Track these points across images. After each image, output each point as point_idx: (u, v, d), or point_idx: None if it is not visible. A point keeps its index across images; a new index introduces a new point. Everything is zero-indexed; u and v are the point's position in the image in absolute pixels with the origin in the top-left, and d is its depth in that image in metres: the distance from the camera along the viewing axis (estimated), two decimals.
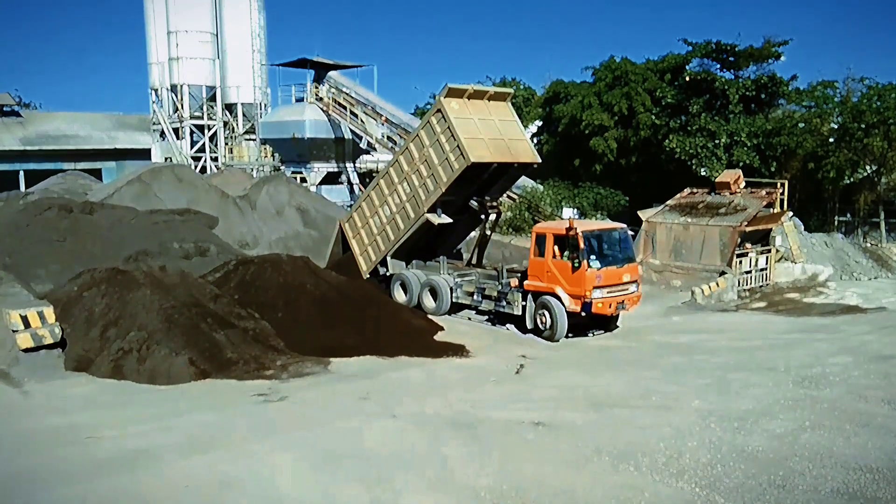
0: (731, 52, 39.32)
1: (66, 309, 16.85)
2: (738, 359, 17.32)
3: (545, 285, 19.38)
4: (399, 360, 17.02)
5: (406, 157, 22.55)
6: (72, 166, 46.43)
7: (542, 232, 19.97)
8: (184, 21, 51.09)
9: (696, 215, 29.47)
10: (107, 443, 11.54)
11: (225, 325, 16.81)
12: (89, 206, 25.58)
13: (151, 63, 54.96)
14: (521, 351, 18.18)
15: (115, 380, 14.90)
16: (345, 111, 44.04)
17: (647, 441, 11.51)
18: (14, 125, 54.70)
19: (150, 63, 55.06)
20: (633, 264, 19.90)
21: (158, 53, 53.76)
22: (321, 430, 12.18)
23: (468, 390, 14.64)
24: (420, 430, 12.23)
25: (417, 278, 22.86)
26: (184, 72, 51.65)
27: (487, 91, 22.46)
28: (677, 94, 39.67)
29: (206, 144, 52.90)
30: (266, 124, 48.37)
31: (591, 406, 13.48)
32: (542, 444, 11.54)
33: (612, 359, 17.70)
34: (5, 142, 52.03)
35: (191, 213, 27.30)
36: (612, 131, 40.73)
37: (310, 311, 18.86)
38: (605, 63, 43.84)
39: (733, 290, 25.97)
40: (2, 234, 22.98)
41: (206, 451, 11.19)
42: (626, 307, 19.60)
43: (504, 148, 21.67)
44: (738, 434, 11.81)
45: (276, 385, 14.69)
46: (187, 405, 13.56)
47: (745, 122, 37.56)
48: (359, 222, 24.35)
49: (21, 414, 13.10)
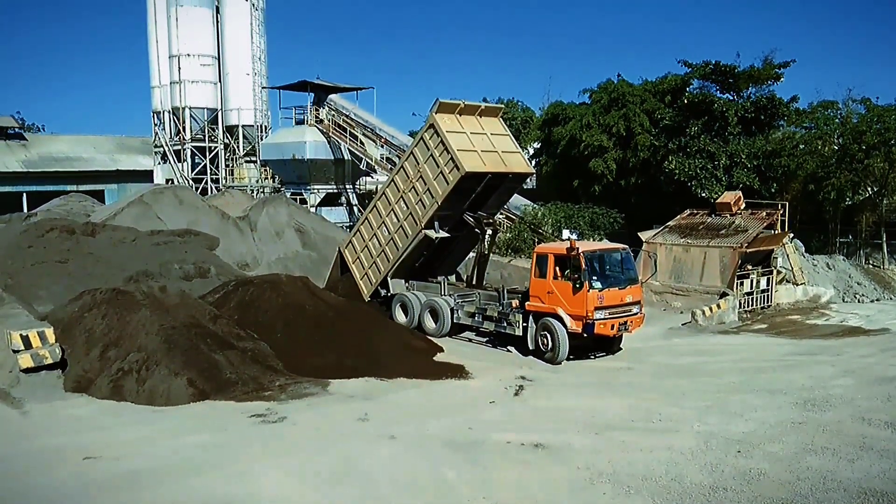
0: (730, 74, 39.42)
1: (66, 329, 16.88)
2: (739, 381, 17.21)
3: (546, 306, 19.25)
4: (398, 382, 16.93)
5: (401, 176, 22.69)
6: (74, 188, 46.65)
7: (543, 252, 19.89)
8: (186, 45, 51.43)
9: (697, 236, 29.47)
10: (105, 464, 11.48)
11: (224, 345, 16.77)
12: (91, 228, 25.71)
13: (154, 86, 55.29)
14: (521, 372, 18.08)
15: (114, 400, 14.85)
16: (344, 133, 44.20)
17: (647, 464, 11.43)
18: (17, 147, 54.92)
19: (153, 86, 55.40)
20: (635, 285, 19.77)
21: (161, 77, 54.11)
22: (320, 452, 12.11)
23: (467, 412, 14.55)
24: (419, 451, 12.17)
25: (418, 299, 22.79)
26: (186, 95, 51.93)
27: (479, 106, 22.63)
28: (676, 115, 39.77)
29: (207, 166, 53.05)
30: (266, 146, 48.54)
31: (591, 428, 13.39)
32: (542, 467, 11.46)
33: (613, 381, 17.59)
34: (8, 164, 52.23)
35: (191, 234, 27.39)
36: (611, 152, 40.83)
37: (309, 332, 18.82)
38: (603, 85, 44.01)
39: (734, 311, 25.88)
40: (4, 256, 23.06)
41: (204, 473, 11.14)
42: (628, 328, 19.43)
43: (497, 159, 21.79)
44: (740, 457, 11.73)
45: (275, 406, 14.61)
46: (186, 426, 13.49)
47: (745, 143, 37.62)
48: (358, 246, 24.39)
49: (20, 434, 13.06)
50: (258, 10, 53.86)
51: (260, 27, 53.90)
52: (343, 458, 11.80)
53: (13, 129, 57.13)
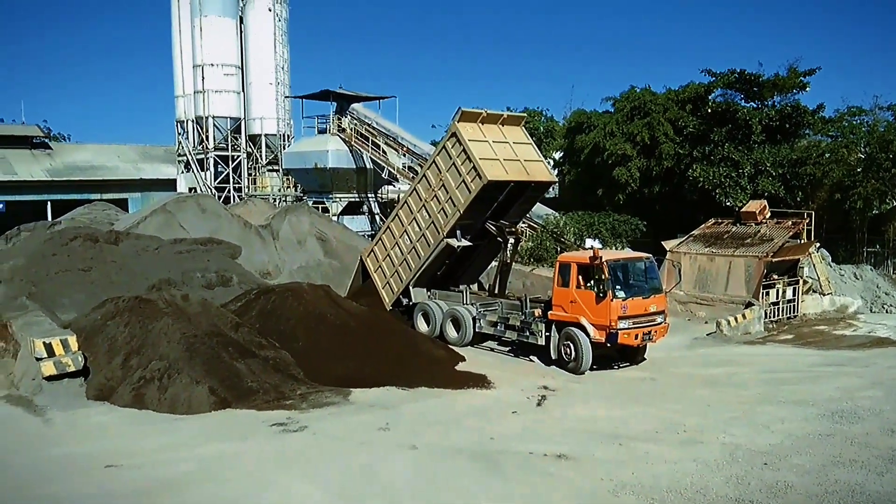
0: (754, 83, 39.10)
1: (89, 337, 17.02)
2: (765, 392, 17.00)
3: (569, 315, 19.08)
4: (419, 391, 16.88)
5: (423, 185, 22.67)
6: (98, 197, 46.85)
7: (566, 261, 19.76)
8: (210, 55, 51.76)
9: (722, 246, 29.19)
10: (126, 472, 11.54)
11: (246, 354, 16.80)
12: (114, 236, 25.84)
13: (178, 96, 55.66)
14: (543, 382, 17.95)
15: (136, 409, 14.93)
16: (366, 142, 44.30)
17: (672, 475, 11.29)
18: (42, 156, 55.43)
19: (177, 96, 55.77)
20: (659, 295, 19.55)
21: (185, 86, 54.48)
22: (340, 461, 12.08)
23: (489, 422, 14.47)
24: (440, 461, 12.09)
25: (440, 308, 22.67)
26: (209, 104, 52.25)
27: (501, 115, 22.58)
28: (700, 123, 39.49)
29: (229, 175, 53.31)
30: (289, 155, 48.74)
31: (614, 439, 13.26)
32: (565, 478, 11.34)
33: (637, 391, 17.43)
34: (34, 172, 52.71)
35: (214, 242, 27.46)
36: (634, 161, 40.57)
37: (330, 341, 18.82)
38: (625, 93, 43.81)
39: (760, 321, 25.58)
40: (28, 264, 23.22)
41: (225, 481, 11.14)
42: (652, 338, 19.23)
43: (520, 168, 21.71)
44: (767, 469, 11.57)
45: (296, 415, 14.61)
46: (207, 434, 13.52)
47: (770, 151, 37.25)
48: (380, 255, 24.36)
49: (43, 442, 13.16)
50: (281, 20, 54.20)
51: (283, 37, 54.22)
52: (364, 468, 11.76)
53: (39, 139, 57.66)
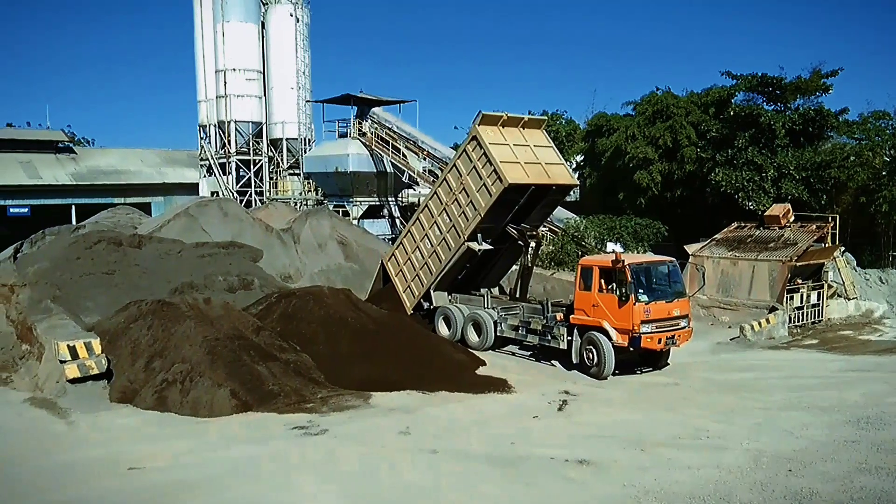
0: (777, 86, 38.81)
1: (112, 340, 17.15)
2: (789, 398, 16.83)
3: (591, 319, 18.92)
4: (440, 395, 16.85)
5: (444, 189, 22.59)
6: (122, 200, 47.33)
7: (588, 265, 19.58)
8: (232, 60, 52.17)
9: (745, 249, 28.97)
10: (149, 474, 11.59)
11: (267, 357, 16.84)
12: (138, 240, 26.03)
13: (200, 100, 56.10)
14: (564, 387, 17.87)
15: (158, 411, 14.99)
16: (387, 146, 44.40)
17: (695, 482, 11.19)
18: (67, 161, 55.95)
19: (199, 100, 56.21)
20: (683, 299, 19.31)
21: (207, 91, 54.89)
22: (361, 465, 12.08)
23: (509, 426, 14.42)
24: (460, 466, 12.06)
25: (461, 312, 22.58)
26: (231, 109, 52.62)
27: (522, 118, 22.46)
28: (722, 127, 39.24)
29: (251, 179, 53.63)
30: (310, 159, 48.98)
31: (636, 445, 13.16)
32: (586, 484, 11.28)
33: (659, 396, 17.31)
34: (58, 177, 53.21)
35: (235, 246, 27.60)
36: (656, 164, 40.38)
37: (351, 344, 18.83)
38: (647, 97, 43.61)
39: (784, 326, 25.34)
40: (53, 267, 23.42)
41: (246, 484, 11.17)
42: (676, 343, 19.02)
43: (541, 171, 21.59)
44: (791, 476, 11.44)
45: (317, 418, 14.62)
46: (228, 437, 13.56)
47: (793, 154, 36.95)
48: (400, 259, 24.27)
49: (66, 445, 13.24)
50: (302, 25, 54.50)
51: (304, 42, 54.53)
52: (384, 472, 11.75)
53: (63, 143, 58.23)
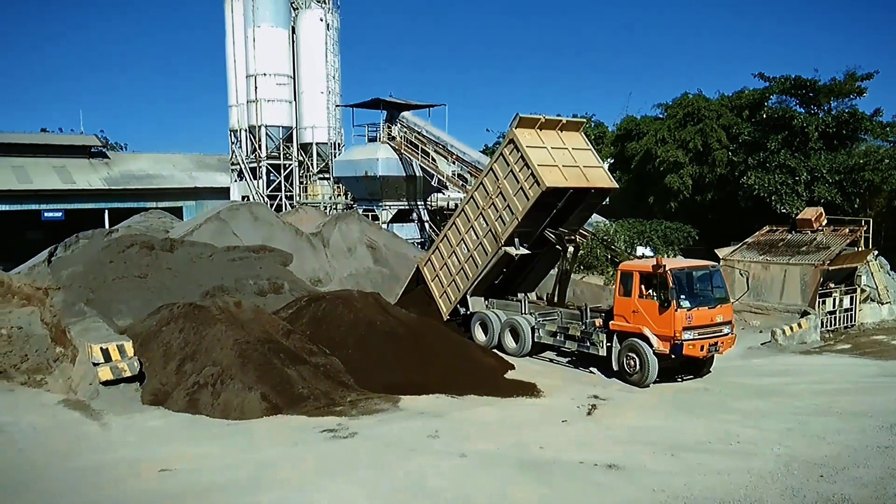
0: (810, 88, 38.42)
1: (144, 343, 17.35)
2: (821, 403, 16.65)
3: (631, 326, 18.57)
4: (469, 399, 16.85)
5: (481, 193, 22.38)
6: (154, 205, 47.75)
7: (628, 270, 19.25)
8: (263, 65, 52.48)
9: (777, 253, 28.69)
10: (180, 476, 11.72)
11: (297, 360, 16.95)
12: (170, 244, 26.35)
13: (231, 105, 56.53)
14: (594, 391, 17.78)
15: (189, 414, 15.14)
16: (416, 150, 44.44)
17: (725, 487, 11.12)
18: (100, 165, 56.66)
19: (230, 105, 56.63)
20: (726, 305, 18.90)
21: (238, 96, 55.30)
22: (390, 468, 12.12)
23: (538, 431, 14.39)
24: (489, 470, 12.06)
25: (498, 318, 22.31)
26: (262, 113, 52.97)
27: (559, 121, 22.16)
28: (754, 130, 38.91)
29: (281, 183, 53.95)
30: (340, 163, 49.15)
31: (666, 449, 13.09)
32: (615, 488, 11.24)
33: (689, 401, 17.17)
34: (92, 181, 53.86)
35: (266, 250, 27.83)
36: (686, 168, 40.12)
37: (380, 348, 18.86)
38: (678, 99, 43.36)
39: (816, 331, 25.05)
40: (86, 271, 23.77)
41: (276, 487, 11.25)
42: (719, 350, 18.63)
43: (579, 174, 21.22)
44: (823, 482, 11.34)
45: (346, 421, 14.70)
46: (258, 440, 13.67)
47: (826, 158, 36.55)
48: (437, 264, 24.00)
49: (99, 446, 13.42)
50: (332, 29, 54.72)
51: (334, 46, 54.74)
52: (413, 475, 11.78)
53: (96, 148, 58.94)
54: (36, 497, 11.01)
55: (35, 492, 11.19)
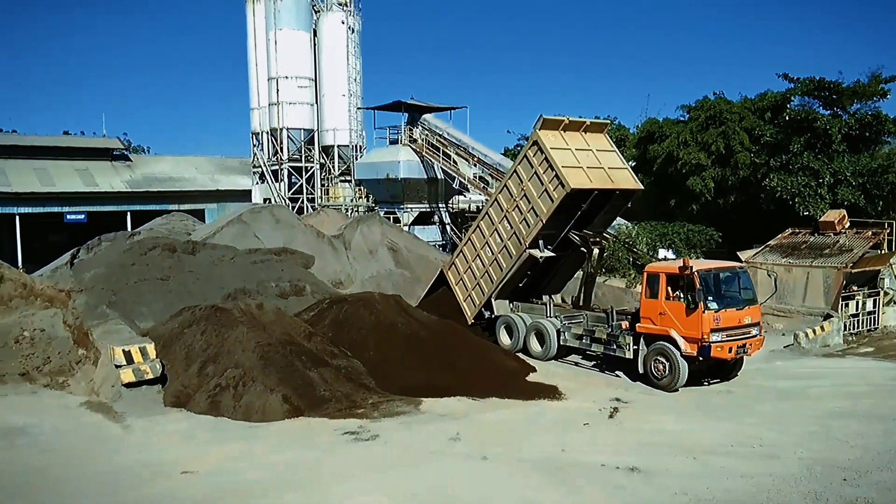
0: (834, 90, 38.14)
1: (167, 345, 17.43)
2: (844, 406, 16.54)
3: (658, 328, 18.36)
4: (490, 401, 16.84)
5: (504, 195, 22.25)
6: (176, 207, 48.02)
7: (654, 271, 18.97)
8: (285, 68, 52.77)
9: (799, 256, 28.53)
10: (202, 478, 11.77)
11: (318, 362, 17.00)
12: (191, 246, 26.48)
13: (253, 108, 56.87)
14: (615, 394, 17.74)
15: (211, 416, 15.20)
16: (437, 152, 44.50)
17: (747, 490, 11.07)
18: (123, 168, 57.16)
19: (252, 108, 56.99)
20: (754, 306, 18.68)
21: (260, 99, 55.62)
22: (411, 471, 12.14)
23: (560, 433, 14.38)
24: (510, 473, 12.07)
25: (523, 321, 22.17)
26: (284, 116, 53.25)
27: (583, 122, 22.01)
28: (777, 132, 38.66)
29: (303, 186, 54.18)
30: (361, 166, 49.30)
31: (688, 452, 13.04)
32: (637, 491, 11.21)
33: (711, 404, 17.11)
34: (114, 184, 54.33)
35: (287, 252, 27.92)
36: (709, 170, 39.95)
37: (401, 350, 18.90)
38: (700, 102, 43.19)
39: (839, 333, 24.87)
40: (109, 273, 23.92)
41: (298, 489, 11.29)
42: (747, 352, 18.40)
43: (604, 176, 21.10)
44: (846, 485, 11.27)
45: (367, 424, 14.73)
46: (280, 442, 13.73)
47: (850, 160, 36.28)
48: (461, 267, 23.86)
49: (121, 448, 13.50)
50: (354, 32, 54.89)
51: (355, 49, 54.90)
52: (434, 478, 11.80)
53: (119, 151, 59.53)
54: (58, 499, 11.09)
55: (57, 493, 11.27)
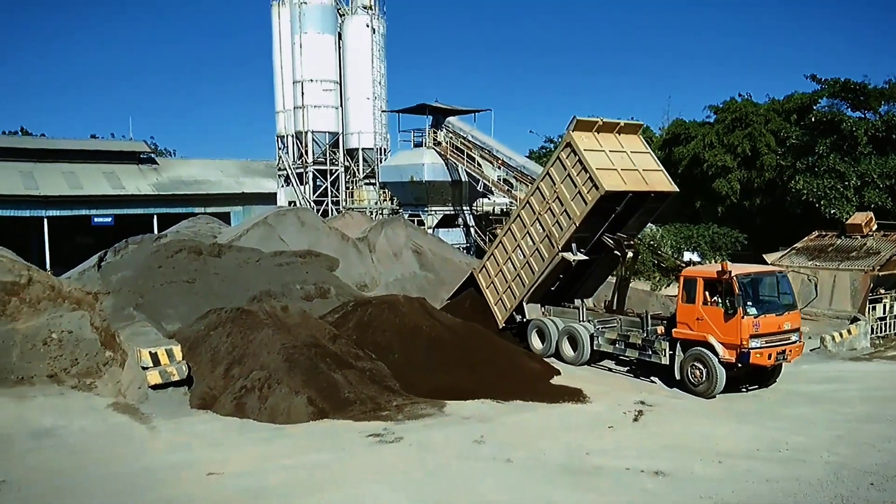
0: (861, 92, 37.79)
1: (193, 347, 17.59)
2: (871, 410, 16.40)
3: (695, 333, 18.03)
4: (514, 404, 16.82)
5: (537, 198, 21.99)
6: (202, 210, 48.34)
7: (691, 276, 18.73)
8: (310, 71, 53.00)
9: (826, 259, 28.30)
10: (228, 480, 11.87)
11: (343, 365, 17.06)
12: (217, 249, 26.69)
13: (278, 111, 57.12)
14: (640, 397, 17.65)
15: (237, 417, 15.30)
16: (462, 155, 44.48)
17: (773, 495, 11.01)
18: (149, 171, 57.74)
19: (277, 111, 57.23)
20: (794, 311, 18.28)
21: (285, 102, 55.88)
22: (435, 473, 12.17)
23: (584, 436, 14.35)
24: (535, 476, 12.06)
25: (555, 325, 21.94)
26: (308, 119, 53.48)
27: (617, 123, 21.71)
28: (803, 134, 38.37)
29: (328, 189, 54.39)
30: (385, 168, 49.38)
31: (713, 456, 12.98)
32: (662, 495, 11.17)
33: (737, 408, 16.99)
34: (141, 187, 54.88)
35: (312, 255, 28.05)
36: (735, 172, 39.75)
37: (425, 353, 18.95)
38: (726, 103, 42.99)
39: (866, 337, 24.63)
40: (136, 276, 24.16)
41: (322, 491, 11.36)
42: (787, 358, 18.07)
43: (638, 177, 20.82)
44: (873, 490, 11.18)
45: (392, 426, 14.77)
46: (305, 444, 13.80)
47: (877, 162, 35.93)
48: (492, 271, 23.66)
49: (148, 449, 13.63)
50: (378, 35, 55.05)
51: (380, 52, 55.03)
52: (458, 481, 11.82)
53: (146, 154, 60.14)
54: (85, 499, 11.23)
55: (84, 494, 11.41)
